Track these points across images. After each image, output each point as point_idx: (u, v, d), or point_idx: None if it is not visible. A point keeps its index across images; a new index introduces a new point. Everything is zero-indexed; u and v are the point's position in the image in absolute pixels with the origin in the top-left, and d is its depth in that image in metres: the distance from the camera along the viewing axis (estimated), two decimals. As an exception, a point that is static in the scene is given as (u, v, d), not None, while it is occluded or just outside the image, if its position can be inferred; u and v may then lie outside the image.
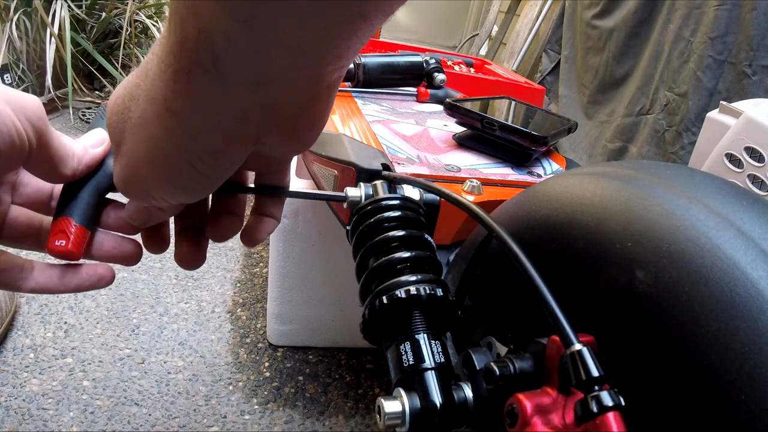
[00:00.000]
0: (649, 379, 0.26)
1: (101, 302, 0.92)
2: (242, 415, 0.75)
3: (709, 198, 0.28)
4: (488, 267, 0.40)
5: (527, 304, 0.34)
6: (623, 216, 0.29)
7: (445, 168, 0.55)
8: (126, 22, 1.73)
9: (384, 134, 0.61)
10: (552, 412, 0.26)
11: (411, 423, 0.31)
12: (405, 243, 0.40)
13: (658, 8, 1.50)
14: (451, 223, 0.50)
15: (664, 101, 1.42)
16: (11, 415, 0.69)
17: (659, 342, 0.26)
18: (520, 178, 0.57)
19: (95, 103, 1.82)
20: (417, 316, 0.35)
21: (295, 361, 0.86)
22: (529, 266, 0.27)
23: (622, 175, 0.33)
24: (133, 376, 0.78)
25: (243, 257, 1.12)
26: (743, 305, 0.24)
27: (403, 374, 0.34)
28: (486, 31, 2.53)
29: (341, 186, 0.52)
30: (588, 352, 0.24)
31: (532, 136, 0.56)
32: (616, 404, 0.22)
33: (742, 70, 1.23)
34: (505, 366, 0.28)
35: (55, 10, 1.62)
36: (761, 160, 0.78)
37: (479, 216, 0.33)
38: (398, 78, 0.80)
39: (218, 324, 0.92)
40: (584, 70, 1.79)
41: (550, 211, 0.34)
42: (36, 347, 0.80)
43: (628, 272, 0.27)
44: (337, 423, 0.77)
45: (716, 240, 0.26)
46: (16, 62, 1.67)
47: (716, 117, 0.87)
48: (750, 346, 0.23)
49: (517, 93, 0.94)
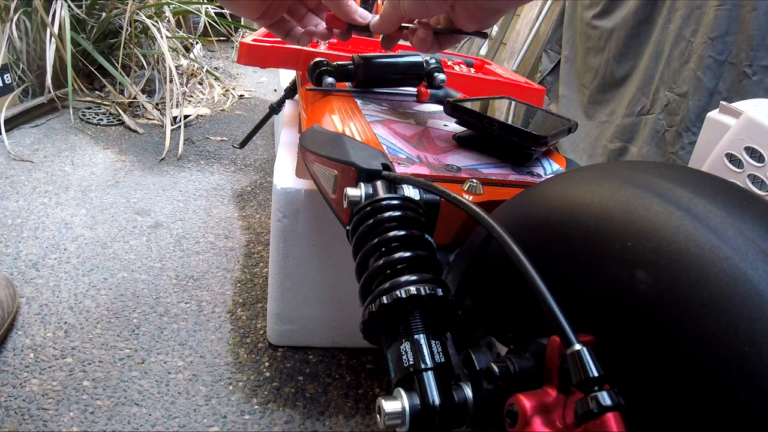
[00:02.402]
0: (649, 379, 0.26)
1: (101, 302, 0.92)
2: (242, 415, 0.75)
3: (709, 198, 0.28)
4: (488, 267, 0.40)
5: (527, 304, 0.34)
6: (623, 216, 0.29)
7: (445, 168, 0.55)
8: (126, 22, 1.73)
9: (384, 134, 0.61)
10: (552, 412, 0.26)
11: (411, 423, 0.31)
12: (405, 243, 0.40)
13: (658, 8, 1.50)
14: (451, 223, 0.50)
15: (665, 101, 1.42)
16: (11, 415, 0.69)
17: (659, 342, 0.26)
18: (520, 178, 0.57)
19: (95, 103, 1.82)
20: (417, 316, 0.35)
21: (295, 361, 0.86)
22: (529, 266, 0.27)
23: (622, 175, 0.33)
24: (133, 376, 0.78)
25: (243, 257, 1.12)
26: (743, 305, 0.24)
27: (403, 374, 0.34)
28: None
29: (341, 186, 0.52)
30: (588, 352, 0.24)
31: (532, 136, 0.56)
32: (616, 404, 0.22)
33: (743, 71, 1.23)
34: (505, 366, 0.28)
35: (55, 10, 1.62)
36: (761, 160, 0.78)
37: (479, 216, 0.33)
38: (398, 78, 0.80)
39: (218, 324, 0.92)
40: (584, 70, 1.79)
41: (550, 211, 0.34)
42: (36, 347, 0.80)
43: (628, 272, 0.27)
44: (337, 423, 0.77)
45: (716, 240, 0.26)
46: (16, 62, 1.67)
47: (716, 117, 0.87)
48: (750, 346, 0.23)
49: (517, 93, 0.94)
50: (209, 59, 2.70)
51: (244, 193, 1.41)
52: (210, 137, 1.76)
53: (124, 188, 1.32)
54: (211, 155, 1.62)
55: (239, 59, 0.89)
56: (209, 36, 2.11)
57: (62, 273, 0.98)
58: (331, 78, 0.74)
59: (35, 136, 1.53)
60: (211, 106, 2.07)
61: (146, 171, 1.44)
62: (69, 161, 1.42)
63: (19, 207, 1.16)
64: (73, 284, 0.95)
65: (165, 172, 1.45)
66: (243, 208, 1.33)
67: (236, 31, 2.78)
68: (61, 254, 1.03)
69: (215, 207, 1.31)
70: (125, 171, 1.42)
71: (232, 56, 2.77)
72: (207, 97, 2.12)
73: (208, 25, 2.10)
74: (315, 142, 0.59)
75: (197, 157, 1.59)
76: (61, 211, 1.17)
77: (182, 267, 1.05)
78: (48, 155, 1.43)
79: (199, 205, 1.31)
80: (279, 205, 0.78)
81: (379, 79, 0.78)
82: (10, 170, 1.31)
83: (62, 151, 1.47)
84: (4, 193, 1.21)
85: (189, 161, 1.55)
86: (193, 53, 2.31)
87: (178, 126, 1.68)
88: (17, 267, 0.97)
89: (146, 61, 1.94)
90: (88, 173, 1.37)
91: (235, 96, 2.23)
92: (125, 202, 1.26)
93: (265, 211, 1.34)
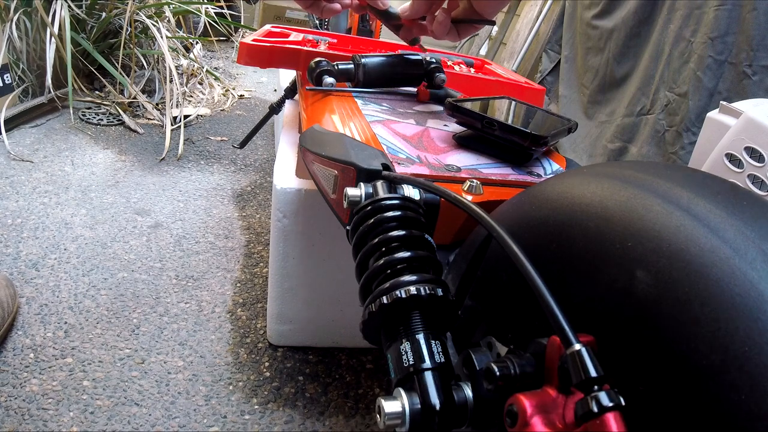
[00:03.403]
0: (649, 379, 0.26)
1: (101, 302, 0.92)
2: (242, 415, 0.75)
3: (709, 198, 0.28)
4: (488, 267, 0.40)
5: (527, 304, 0.34)
6: (623, 216, 0.29)
7: (445, 168, 0.55)
8: (126, 22, 1.73)
9: (384, 134, 0.61)
10: (552, 412, 0.26)
11: (411, 423, 0.31)
12: (405, 243, 0.40)
13: (658, 8, 1.50)
14: (451, 223, 0.50)
15: (665, 101, 1.42)
16: (11, 415, 0.69)
17: (659, 342, 0.26)
18: (520, 178, 0.57)
19: (95, 103, 1.82)
20: (417, 316, 0.35)
21: (295, 361, 0.86)
22: (528, 266, 0.28)
23: (622, 175, 0.33)
24: (133, 376, 0.78)
25: (243, 257, 1.12)
26: (743, 305, 0.24)
27: (403, 374, 0.34)
28: (486, 31, 2.53)
29: (341, 186, 0.52)
30: (588, 352, 0.24)
31: (532, 136, 0.56)
32: (615, 404, 0.22)
33: (743, 70, 1.23)
34: (505, 366, 0.28)
35: (55, 10, 1.62)
36: (761, 160, 0.78)
37: (479, 216, 0.33)
38: (398, 78, 0.80)
39: (218, 324, 0.92)
40: (584, 70, 1.79)
41: (550, 211, 0.34)
42: (36, 347, 0.80)
43: (628, 272, 0.27)
44: (337, 423, 0.77)
45: (716, 240, 0.26)
46: (16, 62, 1.67)
47: (716, 117, 0.87)
48: (750, 346, 0.23)
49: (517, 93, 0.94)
50: (209, 59, 2.70)
51: (244, 193, 1.42)
52: (210, 137, 1.76)
53: (124, 188, 1.32)
54: (211, 155, 1.62)
55: (239, 59, 0.89)
56: (209, 36, 2.11)
57: (62, 273, 0.98)
58: (331, 78, 0.74)
59: (35, 136, 1.53)
60: (211, 106, 2.07)
61: (146, 171, 1.44)
62: (69, 161, 1.42)
63: (19, 207, 1.16)
64: (73, 284, 0.95)
65: (165, 172, 1.45)
66: (243, 208, 1.33)
67: (236, 31, 2.78)
68: (61, 254, 1.03)
69: (215, 207, 1.31)
70: (125, 171, 1.42)
71: (232, 56, 2.77)
72: (207, 97, 2.12)
73: (208, 25, 2.10)
74: (315, 142, 0.59)
75: (197, 157, 1.59)
76: (61, 211, 1.17)
77: (182, 267, 1.05)
78: (48, 155, 1.43)
79: (199, 205, 1.31)
80: (279, 205, 0.78)
81: (379, 79, 0.78)
82: (10, 170, 1.31)
83: (62, 151, 1.47)
84: (4, 193, 1.21)
85: (189, 161, 1.55)
86: (193, 53, 2.31)
87: (178, 126, 1.68)
88: (17, 267, 0.97)
89: (146, 61, 1.94)
90: (88, 173, 1.37)
91: (235, 96, 2.23)
92: (125, 202, 1.26)
93: (265, 211, 1.34)
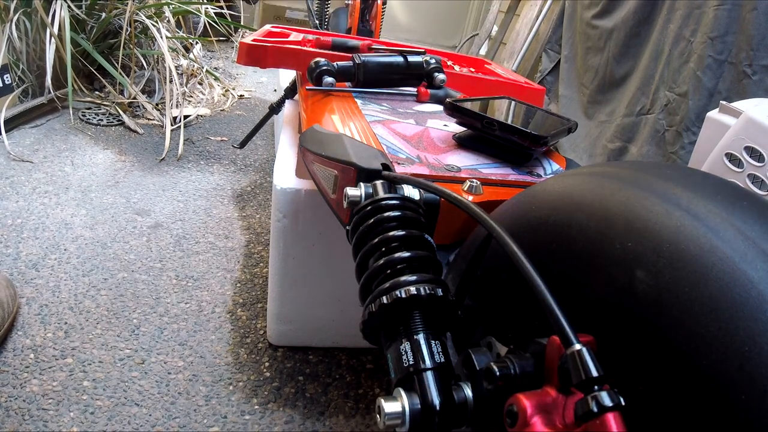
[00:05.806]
0: (649, 379, 0.26)
1: (101, 302, 0.92)
2: (242, 415, 0.75)
3: (709, 198, 0.28)
4: (488, 267, 0.40)
5: (527, 304, 0.34)
6: (623, 216, 0.29)
7: (445, 168, 0.55)
8: (126, 22, 1.73)
9: (384, 134, 0.61)
10: (552, 412, 0.26)
11: (411, 423, 0.31)
12: (405, 243, 0.40)
13: (658, 8, 1.50)
14: (451, 223, 0.50)
15: (664, 101, 1.42)
16: (11, 415, 0.69)
17: (659, 342, 0.26)
18: (520, 178, 0.57)
19: (95, 103, 1.82)
20: (417, 316, 0.35)
21: (295, 361, 0.86)
22: (528, 266, 0.27)
23: (622, 175, 0.33)
24: (133, 376, 0.78)
25: (243, 257, 1.12)
26: (743, 305, 0.24)
27: (403, 374, 0.34)
28: (486, 31, 2.53)
29: (341, 186, 0.52)
30: (588, 352, 0.24)
31: (532, 136, 0.56)
32: (616, 404, 0.22)
33: (742, 70, 1.23)
34: (505, 366, 0.28)
35: (55, 10, 1.62)
36: (761, 160, 0.78)
37: (479, 216, 0.33)
38: (398, 78, 0.80)
39: (218, 324, 0.92)
40: (584, 70, 1.79)
41: (550, 211, 0.34)
42: (36, 348, 0.80)
43: (628, 272, 0.27)
44: (337, 423, 0.77)
45: (716, 240, 0.26)
46: (16, 62, 1.67)
47: (716, 117, 0.87)
48: (750, 346, 0.23)
49: (517, 93, 0.94)
50: (209, 59, 2.70)
51: (244, 193, 1.41)
52: (210, 137, 1.76)
53: (124, 188, 1.32)
54: (211, 155, 1.62)
55: (239, 59, 0.89)
56: (209, 36, 2.11)
57: (62, 273, 0.98)
58: (331, 78, 0.74)
59: (35, 137, 1.53)
60: (211, 106, 2.07)
61: (146, 171, 1.44)
62: (69, 161, 1.42)
63: (19, 207, 1.16)
64: (73, 284, 0.95)
65: (165, 172, 1.45)
66: (243, 208, 1.33)
67: (236, 31, 2.78)
68: (61, 254, 1.03)
69: (215, 207, 1.31)
70: (125, 171, 1.42)
71: (232, 56, 2.77)
72: (207, 97, 2.12)
73: (208, 25, 2.10)
74: (315, 142, 0.59)
75: (197, 158, 1.59)
76: (61, 212, 1.17)
77: (182, 267, 1.05)
78: (48, 155, 1.43)
79: (199, 205, 1.31)
80: (279, 205, 0.78)
81: (379, 79, 0.78)
82: (10, 170, 1.31)
83: (62, 152, 1.46)
84: (4, 194, 1.21)
85: (189, 161, 1.55)
86: (193, 53, 2.31)
87: (178, 126, 1.68)
88: (17, 267, 0.97)
89: (146, 61, 1.94)
90: (88, 173, 1.37)
91: (235, 96, 2.23)
92: (125, 203, 1.26)
93: (265, 211, 1.34)
